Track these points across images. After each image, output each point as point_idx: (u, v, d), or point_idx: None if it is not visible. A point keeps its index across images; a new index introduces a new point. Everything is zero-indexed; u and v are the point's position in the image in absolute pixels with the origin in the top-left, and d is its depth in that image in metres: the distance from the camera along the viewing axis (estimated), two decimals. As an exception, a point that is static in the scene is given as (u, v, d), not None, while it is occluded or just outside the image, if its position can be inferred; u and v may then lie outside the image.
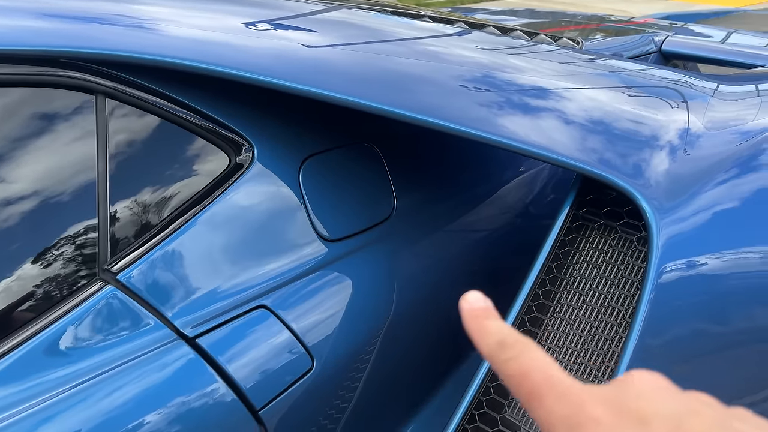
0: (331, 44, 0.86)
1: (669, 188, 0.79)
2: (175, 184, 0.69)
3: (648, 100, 0.99)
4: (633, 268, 0.82)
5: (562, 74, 1.13)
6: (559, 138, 0.85)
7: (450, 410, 0.86)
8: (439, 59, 0.94)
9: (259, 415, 0.68)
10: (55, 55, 0.61)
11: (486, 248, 1.07)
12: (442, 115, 0.77)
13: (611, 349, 0.78)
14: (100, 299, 0.61)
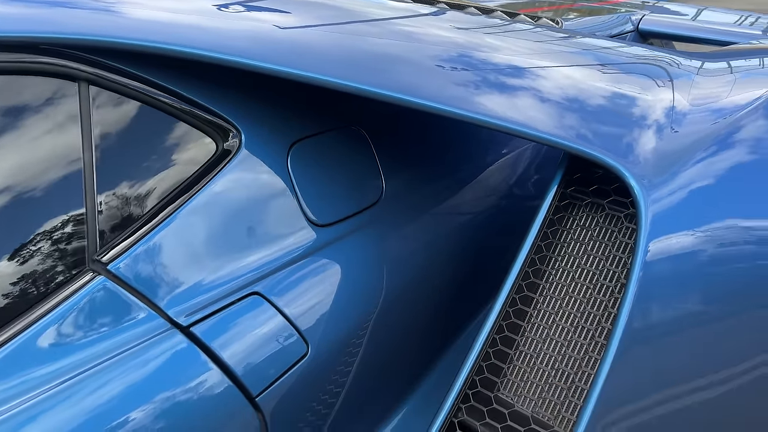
0: (306, 25, 0.85)
1: (656, 165, 0.80)
2: (162, 172, 0.68)
3: (634, 79, 1.00)
4: (621, 244, 0.83)
5: (546, 53, 1.13)
6: (545, 117, 0.85)
7: (444, 389, 0.87)
8: (414, 39, 0.94)
9: (256, 402, 0.67)
10: (34, 42, 0.59)
11: (474, 229, 1.08)
12: (419, 93, 0.77)
13: (602, 326, 0.79)
14: (90, 290, 0.60)
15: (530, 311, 0.85)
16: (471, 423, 0.81)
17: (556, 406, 0.79)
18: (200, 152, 0.71)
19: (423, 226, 0.97)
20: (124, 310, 0.62)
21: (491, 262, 1.12)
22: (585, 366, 0.79)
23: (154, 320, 0.63)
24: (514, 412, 0.81)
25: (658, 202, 0.77)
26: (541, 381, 0.82)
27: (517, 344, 0.85)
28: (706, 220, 0.78)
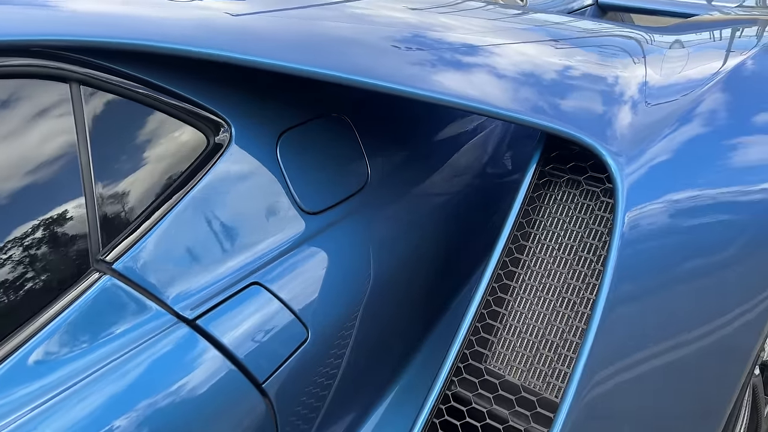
0: (259, 11, 0.86)
1: (631, 139, 0.84)
2: (158, 169, 0.69)
3: (606, 56, 1.04)
4: (599, 218, 0.87)
5: (516, 31, 1.16)
6: (523, 98, 0.88)
7: (434, 363, 0.91)
8: (368, 21, 0.96)
9: (262, 388, 0.70)
10: (25, 45, 0.59)
11: (454, 206, 1.11)
12: (375, 74, 0.78)
13: (585, 296, 0.84)
14: (98, 290, 0.61)
15: (515, 285, 0.89)
16: (464, 394, 0.85)
17: (544, 374, 0.84)
18: (193, 147, 0.72)
19: (407, 208, 1.00)
20: (131, 307, 0.63)
21: (472, 237, 1.16)
22: (569, 335, 0.84)
23: (161, 315, 0.64)
24: (505, 382, 0.85)
25: (634, 175, 0.81)
26: (528, 351, 0.86)
27: (503, 317, 0.89)
28: (679, 189, 0.83)
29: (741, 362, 0.93)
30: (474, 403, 0.84)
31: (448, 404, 0.85)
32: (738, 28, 1.35)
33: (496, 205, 1.21)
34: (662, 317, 0.80)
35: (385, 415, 0.92)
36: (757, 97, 1.03)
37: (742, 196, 0.89)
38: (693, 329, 0.83)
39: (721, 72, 1.01)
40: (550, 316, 0.86)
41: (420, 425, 0.83)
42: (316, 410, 0.81)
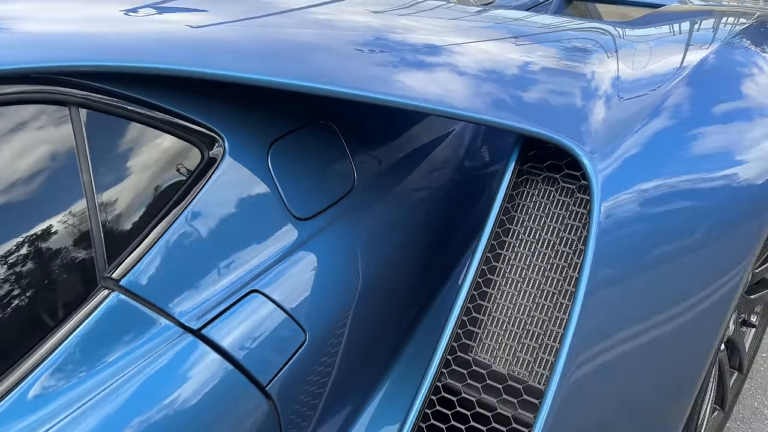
0: (219, 22, 0.85)
1: (604, 136, 0.89)
2: (156, 185, 0.71)
3: (578, 53, 1.08)
4: (575, 214, 0.92)
5: (486, 33, 1.20)
6: (501, 102, 0.92)
7: (423, 356, 0.95)
8: (329, 26, 0.96)
9: (266, 391, 0.73)
10: (26, 72, 0.61)
11: (436, 203, 1.15)
12: (339, 79, 0.78)
13: (565, 288, 0.89)
14: (107, 306, 0.63)
15: (497, 280, 0.94)
16: (454, 385, 0.90)
17: (529, 363, 0.89)
18: (188, 162, 0.74)
19: (390, 207, 1.03)
20: (140, 321, 0.65)
21: (453, 231, 1.20)
22: (551, 325, 0.89)
23: (169, 327, 0.67)
24: (492, 372, 0.90)
25: (607, 170, 0.86)
26: (513, 342, 0.91)
27: (488, 310, 0.93)
28: (649, 181, 0.88)
29: (710, 339, 1.00)
30: (463, 393, 0.89)
31: (438, 395, 0.90)
32: (704, 20, 1.41)
33: (474, 198, 1.26)
34: (638, 301, 0.86)
35: (379, 408, 0.96)
36: (718, 90, 1.09)
37: (706, 184, 0.95)
38: (666, 310, 0.89)
39: (687, 66, 1.07)
40: (532, 307, 0.91)
41: (413, 416, 0.87)
42: (315, 407, 0.84)
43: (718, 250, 0.96)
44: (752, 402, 1.75)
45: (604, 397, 0.89)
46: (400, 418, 0.91)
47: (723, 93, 1.10)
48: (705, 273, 0.95)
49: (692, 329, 0.94)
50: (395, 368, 1.01)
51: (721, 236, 0.96)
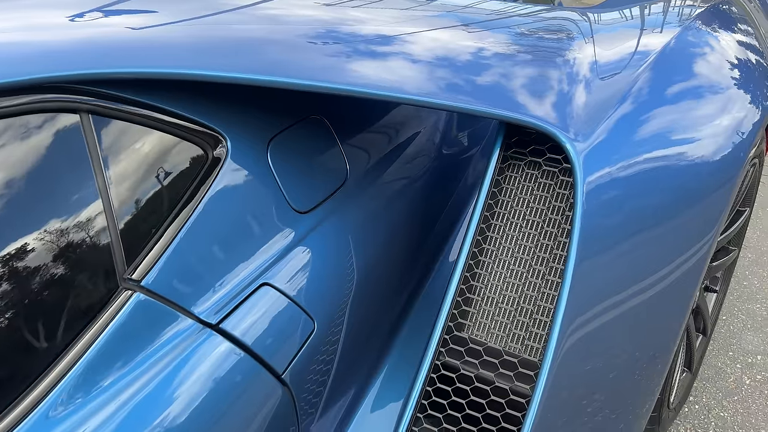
0: (163, 23, 0.83)
1: (584, 120, 0.94)
2: (167, 186, 0.73)
3: (550, 42, 1.13)
4: (559, 195, 0.97)
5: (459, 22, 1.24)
6: (483, 91, 0.96)
7: (419, 337, 1.00)
8: (279, 21, 0.95)
9: (282, 379, 0.76)
10: (39, 82, 0.62)
11: (423, 188, 1.19)
12: (292, 72, 0.78)
13: (553, 266, 0.95)
14: (131, 307, 0.65)
15: (489, 261, 0.99)
16: (453, 363, 0.95)
17: (523, 338, 0.95)
18: (195, 163, 0.76)
19: (381, 197, 1.07)
20: (163, 319, 0.68)
21: (440, 214, 1.25)
22: (542, 301, 0.94)
23: (189, 323, 0.70)
24: (488, 348, 0.95)
25: (589, 152, 0.91)
26: (506, 319, 0.96)
27: (481, 290, 0.98)
28: (626, 159, 0.94)
29: (686, 302, 1.08)
30: (462, 370, 0.94)
31: (438, 373, 0.95)
32: (664, 3, 1.48)
33: (458, 183, 1.31)
34: (620, 273, 0.92)
35: (381, 388, 1.00)
36: (682, 72, 1.16)
37: (677, 161, 1.02)
38: (647, 278, 0.96)
39: (652, 50, 1.13)
40: (522, 286, 0.96)
41: (416, 394, 0.92)
42: (325, 390, 0.88)
43: (691, 221, 1.04)
44: (716, 362, 1.86)
45: (594, 363, 0.95)
46: (402, 395, 0.95)
47: (686, 74, 1.16)
48: (680, 242, 1.03)
49: (670, 294, 1.01)
50: (394, 349, 1.05)
51: (693, 208, 1.03)
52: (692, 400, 1.74)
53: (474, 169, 1.43)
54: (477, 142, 1.47)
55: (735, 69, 1.26)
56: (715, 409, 1.72)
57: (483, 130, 1.52)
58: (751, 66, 1.36)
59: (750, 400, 1.74)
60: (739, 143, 1.08)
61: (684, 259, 1.03)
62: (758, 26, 1.63)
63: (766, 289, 2.15)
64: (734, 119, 1.11)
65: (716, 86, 1.17)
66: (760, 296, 2.12)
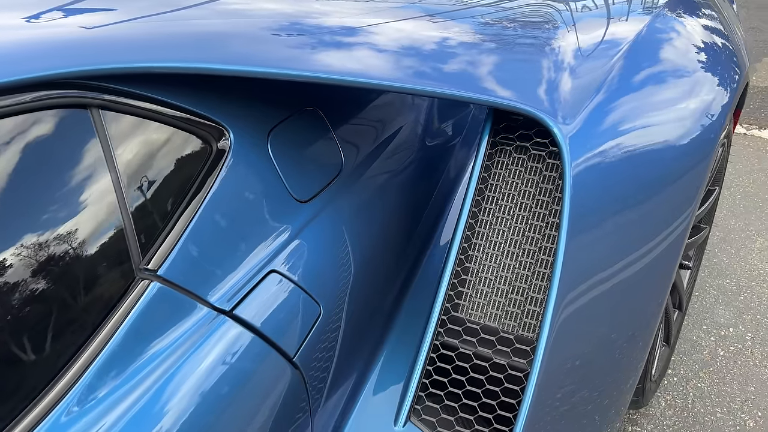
0: (120, 21, 0.81)
1: (569, 103, 0.98)
2: (177, 178, 0.74)
3: (536, 30, 1.17)
4: (548, 178, 1.01)
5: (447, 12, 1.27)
6: (472, 78, 1.00)
7: (417, 318, 1.04)
8: (242, 15, 0.95)
9: (294, 362, 0.79)
10: (49, 79, 0.63)
11: (414, 177, 1.22)
12: (253, 62, 0.79)
13: (543, 245, 0.99)
14: (149, 296, 0.67)
15: (482, 243, 1.02)
16: (451, 342, 0.99)
17: (518, 315, 0.99)
18: (201, 155, 0.78)
19: (375, 184, 1.10)
20: (180, 307, 0.70)
21: (431, 201, 1.28)
22: (534, 279, 0.98)
23: (205, 311, 0.72)
24: (485, 327, 0.99)
25: (575, 135, 0.95)
26: (501, 298, 1.00)
27: (475, 271, 1.02)
28: (611, 139, 0.99)
29: (668, 275, 1.14)
30: (461, 348, 0.98)
31: (438, 352, 0.98)
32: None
33: (448, 168, 1.34)
34: (608, 249, 0.97)
35: (382, 369, 1.03)
36: (658, 56, 1.21)
37: (658, 140, 1.07)
38: (633, 253, 1.01)
39: (629, 36, 1.18)
40: (515, 265, 1.00)
41: (417, 373, 0.95)
42: (330, 372, 0.91)
43: (672, 197, 1.09)
44: (691, 336, 1.94)
45: (587, 335, 1.00)
46: (402, 377, 0.99)
47: (657, 60, 1.22)
48: (663, 217, 1.08)
49: (655, 267, 1.06)
50: (392, 332, 1.08)
51: (673, 185, 1.08)
52: (671, 373, 1.81)
53: (456, 159, 1.46)
54: (458, 132, 1.51)
55: (703, 53, 1.32)
56: (693, 380, 1.79)
57: (462, 121, 1.55)
58: (718, 50, 1.42)
59: (725, 371, 1.82)
60: (712, 123, 1.14)
61: (667, 233, 1.08)
62: (721, 10, 1.70)
63: (734, 265, 2.24)
64: (707, 101, 1.16)
65: (687, 70, 1.22)
66: (729, 272, 2.21)
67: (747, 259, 2.27)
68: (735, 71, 1.38)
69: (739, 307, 2.05)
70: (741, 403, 1.71)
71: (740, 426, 1.65)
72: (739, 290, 2.12)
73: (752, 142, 3.13)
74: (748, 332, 1.95)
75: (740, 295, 2.10)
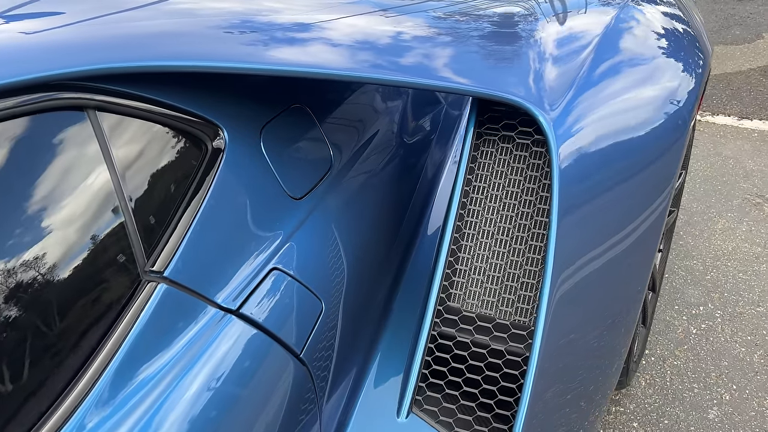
0: (61, 25, 0.75)
1: (551, 92, 1.00)
2: (176, 178, 0.73)
3: (515, 22, 1.19)
4: (534, 165, 1.04)
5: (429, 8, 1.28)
6: (458, 69, 1.01)
7: (411, 309, 1.05)
8: (190, 15, 0.91)
9: (301, 358, 0.79)
10: (45, 80, 0.61)
11: (399, 172, 1.23)
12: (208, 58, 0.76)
13: (534, 231, 1.01)
14: (157, 297, 0.66)
15: (473, 233, 1.04)
16: (448, 332, 1.00)
17: (512, 301, 1.00)
18: (198, 154, 0.77)
19: (364, 179, 1.10)
20: (188, 308, 0.69)
21: (412, 195, 1.29)
22: (527, 265, 1.00)
23: (212, 310, 0.71)
24: (481, 315, 1.00)
25: (559, 121, 0.98)
26: (495, 285, 1.02)
27: (468, 261, 1.03)
28: (593, 124, 1.01)
29: (650, 254, 1.17)
30: (458, 337, 0.99)
31: (436, 342, 0.99)
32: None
33: (422, 164, 1.35)
34: (596, 230, 1.00)
35: (380, 363, 1.04)
36: (629, 44, 1.25)
37: (638, 123, 1.10)
38: (619, 233, 1.04)
39: (602, 26, 1.22)
40: (507, 253, 1.02)
41: (417, 364, 0.96)
42: (331, 369, 0.91)
43: (652, 177, 1.12)
44: (664, 317, 2.00)
45: (581, 316, 1.02)
46: (400, 369, 1.00)
47: (626, 51, 1.26)
48: (645, 198, 1.11)
49: (640, 246, 1.10)
50: (387, 326, 1.09)
51: (653, 165, 1.12)
52: (648, 353, 1.87)
53: (433, 153, 1.48)
54: (434, 128, 1.53)
55: (664, 39, 1.37)
56: (669, 359, 1.85)
57: (437, 117, 1.57)
58: (679, 35, 1.47)
59: (698, 348, 1.88)
60: (686, 106, 1.18)
61: (650, 212, 1.11)
62: None
63: (699, 246, 2.32)
64: (678, 86, 1.21)
65: (658, 56, 1.27)
66: (695, 253, 2.29)
67: (711, 239, 2.35)
68: (701, 57, 1.44)
69: (707, 286, 2.12)
70: (716, 377, 1.78)
71: (717, 399, 1.71)
72: (705, 270, 2.20)
73: (707, 128, 3.25)
74: (717, 310, 2.02)
75: (707, 275, 2.17)
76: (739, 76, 3.81)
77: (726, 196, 2.61)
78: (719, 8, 5.00)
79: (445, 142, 1.52)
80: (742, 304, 2.03)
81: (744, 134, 3.16)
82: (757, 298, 2.05)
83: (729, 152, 2.99)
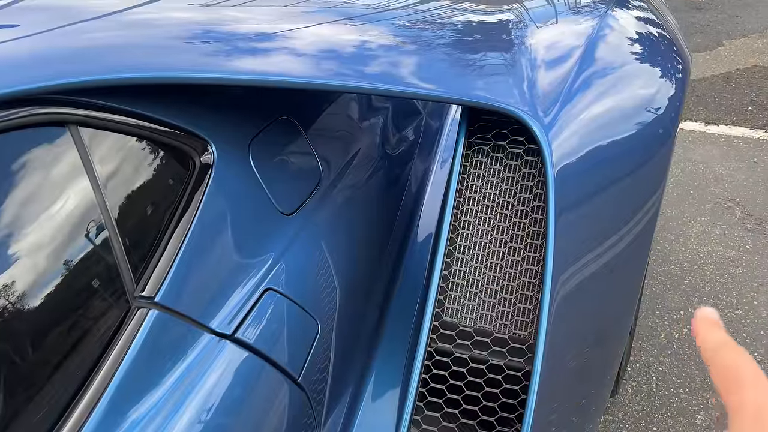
0: (17, 37, 0.69)
1: (542, 100, 0.99)
2: (164, 197, 0.69)
3: (504, 29, 1.18)
4: (527, 175, 1.02)
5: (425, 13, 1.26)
6: (450, 79, 0.99)
7: (405, 324, 1.02)
8: (149, 26, 0.86)
9: (298, 382, 0.75)
10: (21, 95, 0.57)
11: (385, 186, 1.20)
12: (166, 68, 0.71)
13: (529, 242, 0.99)
14: (148, 324, 0.62)
15: (468, 245, 1.01)
16: (445, 347, 0.97)
17: (510, 315, 0.98)
18: (186, 171, 0.73)
19: (353, 193, 1.07)
20: (181, 334, 0.64)
21: (398, 208, 1.27)
22: (523, 277, 0.98)
23: (206, 336, 0.67)
24: (478, 329, 0.98)
25: (552, 131, 0.96)
26: (492, 299, 0.99)
27: (463, 274, 1.01)
28: (585, 132, 1.00)
29: (643, 260, 1.17)
30: (456, 353, 0.96)
31: (433, 359, 0.96)
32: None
33: (407, 175, 1.33)
34: (593, 237, 0.98)
35: (376, 383, 1.00)
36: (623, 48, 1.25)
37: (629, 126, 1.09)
38: (613, 236, 1.03)
39: (590, 31, 1.22)
40: (502, 265, 1.00)
41: (414, 383, 0.93)
42: (327, 392, 0.87)
43: (644, 180, 1.12)
44: (647, 323, 2.01)
45: (581, 325, 1.01)
46: (397, 385, 0.96)
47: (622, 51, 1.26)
48: (638, 203, 1.10)
49: (634, 253, 1.09)
50: (381, 344, 1.06)
51: (644, 168, 1.11)
52: (633, 360, 1.87)
53: (416, 164, 1.46)
54: (416, 140, 1.51)
55: (649, 44, 1.37)
56: (654, 365, 1.85)
57: (417, 129, 1.55)
58: (660, 40, 1.49)
59: (682, 353, 1.89)
60: (673, 109, 1.18)
61: (642, 215, 1.11)
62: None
63: (676, 251, 2.35)
64: (666, 88, 1.21)
65: (648, 59, 1.27)
66: (672, 258, 2.31)
67: (686, 244, 2.38)
68: (680, 62, 1.45)
69: (686, 290, 2.14)
70: (701, 382, 1.79)
71: (703, 404, 1.72)
72: (683, 274, 2.22)
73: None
74: (697, 314, 2.04)
75: (685, 279, 2.19)
76: (703, 83, 3.90)
77: (699, 201, 2.65)
78: (679, 17, 5.12)
79: (428, 153, 1.50)
80: (720, 308, 2.05)
81: (711, 139, 3.23)
82: (735, 301, 2.07)
83: (698, 157, 3.04)
